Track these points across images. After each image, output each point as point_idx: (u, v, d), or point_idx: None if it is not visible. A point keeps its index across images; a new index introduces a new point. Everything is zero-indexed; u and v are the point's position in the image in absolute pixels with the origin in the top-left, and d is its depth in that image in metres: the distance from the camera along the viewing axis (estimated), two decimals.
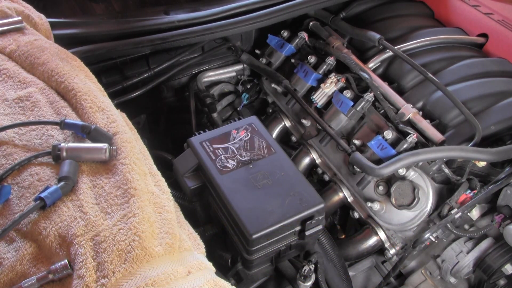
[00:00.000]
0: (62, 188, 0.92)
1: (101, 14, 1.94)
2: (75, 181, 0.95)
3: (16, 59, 1.21)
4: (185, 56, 1.84)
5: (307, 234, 1.22)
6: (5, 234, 0.89)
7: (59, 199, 0.93)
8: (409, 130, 1.40)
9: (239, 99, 2.07)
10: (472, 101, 1.48)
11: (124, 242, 0.86)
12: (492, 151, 1.29)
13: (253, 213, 1.16)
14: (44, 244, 0.89)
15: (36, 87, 1.15)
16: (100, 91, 1.18)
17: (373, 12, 1.89)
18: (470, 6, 1.84)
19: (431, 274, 1.46)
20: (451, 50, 1.69)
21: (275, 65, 1.82)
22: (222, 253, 1.33)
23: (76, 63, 1.24)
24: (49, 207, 0.92)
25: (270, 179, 1.24)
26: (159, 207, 0.96)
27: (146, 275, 0.82)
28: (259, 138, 1.35)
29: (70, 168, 0.95)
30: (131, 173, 0.96)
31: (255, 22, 1.68)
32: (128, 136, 1.05)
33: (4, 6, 1.29)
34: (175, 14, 1.68)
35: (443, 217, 1.32)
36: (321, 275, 1.33)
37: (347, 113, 1.52)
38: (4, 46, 1.23)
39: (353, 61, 1.61)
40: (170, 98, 2.00)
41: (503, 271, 1.31)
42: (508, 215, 1.32)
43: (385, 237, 1.49)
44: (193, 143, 1.32)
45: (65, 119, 1.05)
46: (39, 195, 0.91)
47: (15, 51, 1.21)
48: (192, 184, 1.29)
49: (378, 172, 1.31)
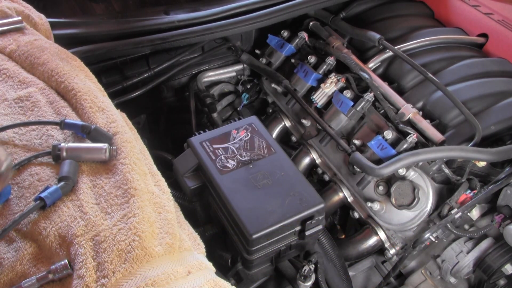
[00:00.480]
0: (62, 188, 0.92)
1: (101, 14, 1.94)
2: (75, 181, 0.95)
3: (16, 59, 1.21)
4: (185, 56, 1.84)
5: (307, 234, 1.22)
6: (5, 234, 0.89)
7: (59, 199, 0.93)
8: (409, 130, 1.40)
9: (239, 99, 2.07)
10: (472, 101, 1.48)
11: (124, 242, 0.86)
12: (492, 151, 1.29)
13: (253, 213, 1.16)
14: (44, 244, 0.89)
15: (36, 87, 1.16)
16: (100, 91, 1.18)
17: (373, 12, 1.89)
18: (470, 6, 1.84)
19: (431, 274, 1.46)
20: (451, 50, 1.69)
21: (275, 65, 1.82)
22: (222, 253, 1.33)
23: (76, 63, 1.24)
24: (49, 207, 0.92)
25: (270, 179, 1.24)
26: (159, 207, 0.96)
27: (146, 275, 0.82)
28: (259, 138, 1.35)
29: (70, 168, 0.95)
30: (131, 173, 0.96)
31: (255, 22, 1.68)
32: (128, 136, 1.05)
33: (4, 6, 1.29)
34: (175, 14, 1.68)
35: (443, 217, 1.32)
36: (321, 275, 1.33)
37: (347, 113, 1.52)
38: (4, 46, 1.23)
39: (353, 61, 1.61)
40: (170, 98, 2.00)
41: (503, 271, 1.31)
42: (508, 215, 1.32)
43: (385, 237, 1.49)
44: (193, 143, 1.32)
45: (65, 119, 1.05)
46: (39, 195, 0.91)
47: (15, 51, 1.21)
48: (192, 184, 1.29)
49: (378, 172, 1.31)
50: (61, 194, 0.92)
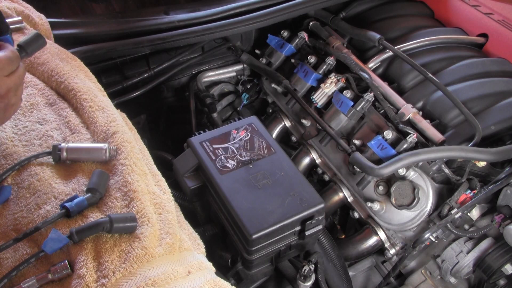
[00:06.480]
0: (88, 199, 0.91)
1: (101, 14, 1.94)
2: (103, 194, 0.94)
3: None
4: (185, 56, 1.84)
5: (307, 234, 1.22)
6: (26, 238, 0.88)
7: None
8: (409, 130, 1.40)
9: (239, 99, 2.07)
10: (472, 101, 1.48)
11: (125, 243, 0.86)
12: (492, 151, 1.29)
13: (253, 213, 1.16)
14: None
15: (35, 88, 1.16)
16: (100, 91, 1.18)
17: (373, 12, 1.89)
18: (470, 6, 1.84)
19: (431, 274, 1.46)
20: (451, 50, 1.69)
21: (275, 65, 1.82)
22: (222, 253, 1.33)
23: (76, 63, 1.24)
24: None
25: (270, 179, 1.24)
26: (159, 208, 0.96)
27: (146, 275, 0.82)
28: (259, 138, 1.35)
29: (99, 180, 0.94)
30: (131, 175, 0.96)
31: (255, 22, 1.68)
32: (128, 136, 1.05)
33: (4, 6, 1.29)
34: (175, 14, 1.68)
35: (443, 217, 1.32)
36: (321, 275, 1.33)
37: (347, 113, 1.52)
38: None
39: (353, 61, 1.61)
40: (170, 98, 2.00)
41: (503, 271, 1.31)
42: (508, 215, 1.32)
43: (385, 237, 1.49)
44: (193, 143, 1.32)
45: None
46: (64, 203, 0.89)
47: None
48: (192, 184, 1.29)
49: (378, 172, 1.31)
50: (87, 205, 0.91)
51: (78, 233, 0.85)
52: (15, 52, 0.85)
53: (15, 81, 0.85)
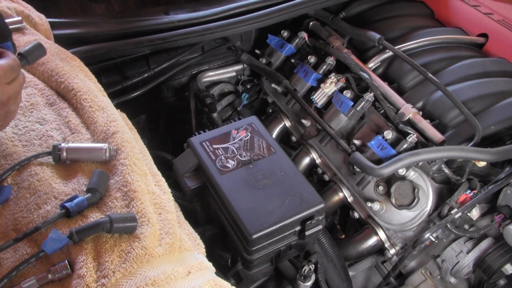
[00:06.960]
0: (88, 199, 0.91)
1: (101, 14, 1.94)
2: (103, 193, 0.94)
3: None
4: (185, 56, 1.84)
5: (307, 234, 1.22)
6: (26, 238, 0.88)
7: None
8: (409, 130, 1.40)
9: (239, 99, 2.07)
10: (472, 101, 1.48)
11: (125, 243, 0.86)
12: (492, 151, 1.29)
13: (253, 213, 1.16)
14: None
15: (35, 88, 1.16)
16: (100, 91, 1.18)
17: (373, 12, 1.89)
18: (470, 6, 1.84)
19: (431, 274, 1.46)
20: (451, 50, 1.69)
21: (275, 65, 1.82)
22: (222, 253, 1.33)
23: (76, 63, 1.24)
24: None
25: (270, 179, 1.24)
26: (159, 208, 0.96)
27: (146, 275, 0.82)
28: (259, 138, 1.35)
29: (99, 180, 0.94)
30: (131, 175, 0.96)
31: (255, 22, 1.68)
32: (128, 136, 1.05)
33: (4, 6, 1.29)
34: (175, 14, 1.68)
35: (443, 217, 1.32)
36: (321, 275, 1.33)
37: (347, 113, 1.52)
38: None
39: (353, 61, 1.61)
40: (170, 98, 2.00)
41: (503, 271, 1.31)
42: (508, 215, 1.32)
43: (385, 237, 1.49)
44: (193, 143, 1.32)
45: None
46: (64, 203, 0.89)
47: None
48: (192, 184, 1.29)
49: (378, 172, 1.31)
50: (87, 205, 0.91)
51: (78, 233, 0.85)
52: (16, 60, 0.86)
53: (15, 89, 0.86)
